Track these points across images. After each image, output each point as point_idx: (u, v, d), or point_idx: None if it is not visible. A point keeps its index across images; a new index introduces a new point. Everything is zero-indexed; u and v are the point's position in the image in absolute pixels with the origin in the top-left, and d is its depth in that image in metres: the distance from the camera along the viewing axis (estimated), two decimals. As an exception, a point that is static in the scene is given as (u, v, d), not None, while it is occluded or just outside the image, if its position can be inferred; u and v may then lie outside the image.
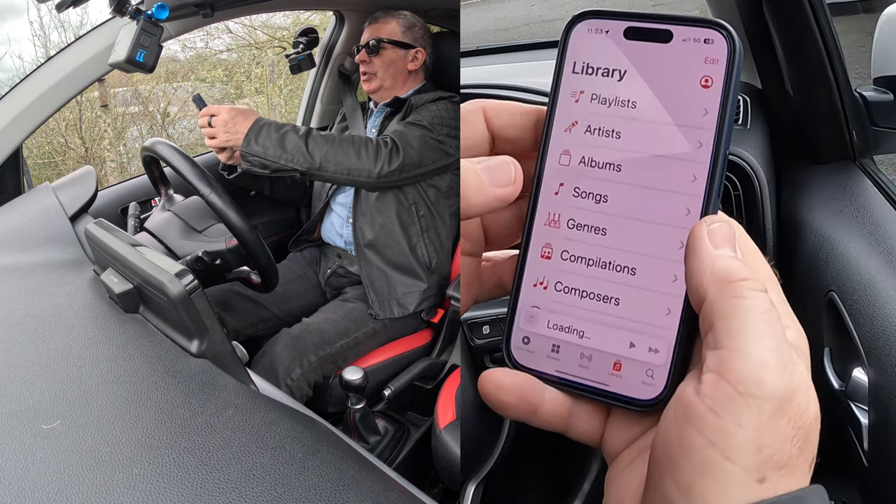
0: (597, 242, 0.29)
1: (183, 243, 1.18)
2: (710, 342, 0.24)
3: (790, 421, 0.22)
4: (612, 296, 0.28)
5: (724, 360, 0.23)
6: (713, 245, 0.25)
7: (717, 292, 0.24)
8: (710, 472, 0.22)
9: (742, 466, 0.22)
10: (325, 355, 1.31)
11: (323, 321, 1.38)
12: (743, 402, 0.22)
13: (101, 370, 0.69)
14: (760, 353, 0.22)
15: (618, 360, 0.28)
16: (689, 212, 0.27)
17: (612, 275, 0.28)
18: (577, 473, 1.05)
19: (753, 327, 0.23)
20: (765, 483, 0.22)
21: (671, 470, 0.23)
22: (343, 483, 0.54)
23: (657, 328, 0.27)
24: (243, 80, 5.25)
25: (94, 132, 4.23)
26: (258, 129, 1.22)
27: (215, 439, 0.58)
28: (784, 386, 0.22)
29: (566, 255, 0.29)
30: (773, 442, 0.22)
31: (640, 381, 0.27)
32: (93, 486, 0.51)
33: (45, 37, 4.26)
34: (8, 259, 0.96)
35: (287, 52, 1.72)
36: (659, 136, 0.28)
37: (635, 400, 0.27)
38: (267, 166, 1.23)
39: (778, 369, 0.22)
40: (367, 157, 1.27)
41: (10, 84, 1.23)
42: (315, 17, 4.35)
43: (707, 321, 0.24)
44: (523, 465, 1.18)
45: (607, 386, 0.28)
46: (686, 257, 0.26)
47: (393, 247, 1.42)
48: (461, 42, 1.55)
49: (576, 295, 0.29)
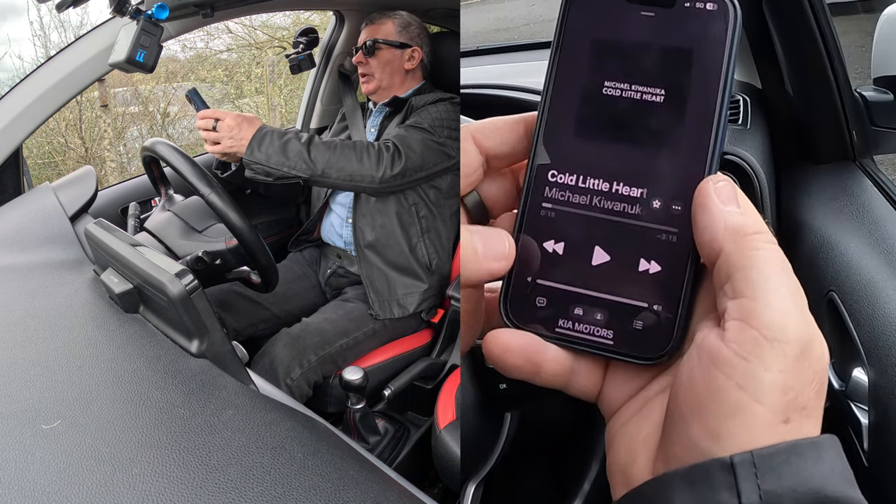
0: (599, 198, 0.29)
1: (183, 243, 1.18)
2: (729, 292, 0.25)
3: (810, 365, 0.23)
4: (616, 252, 0.28)
5: (747, 308, 0.24)
6: (721, 202, 0.26)
7: (733, 246, 0.25)
8: (739, 414, 0.23)
9: (769, 408, 0.23)
10: (325, 355, 1.31)
11: (323, 321, 1.38)
12: (769, 347, 0.23)
13: (101, 370, 0.69)
14: (781, 301, 0.24)
15: (622, 315, 0.28)
16: (691, 170, 0.27)
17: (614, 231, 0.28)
18: (577, 473, 1.05)
19: (772, 277, 0.24)
20: (789, 423, 0.23)
21: (698, 415, 0.24)
22: (343, 483, 0.54)
23: (662, 283, 0.27)
24: (243, 80, 5.26)
25: (94, 132, 4.24)
26: (261, 137, 1.23)
27: (215, 439, 0.58)
28: (805, 331, 0.24)
29: (565, 211, 0.29)
30: (796, 384, 0.23)
31: (645, 336, 0.28)
32: (93, 486, 0.51)
33: (45, 37, 4.27)
34: (8, 259, 0.96)
35: (287, 52, 1.72)
36: (662, 98, 0.28)
37: (640, 355, 0.28)
38: (270, 174, 1.24)
39: (798, 316, 0.24)
40: (370, 163, 1.27)
41: (10, 84, 1.23)
42: (315, 17, 4.36)
43: (724, 273, 0.25)
44: (523, 465, 1.18)
45: (611, 342, 0.28)
46: (695, 214, 0.27)
47: (393, 247, 1.42)
48: (461, 42, 1.55)
49: (577, 251, 0.29)
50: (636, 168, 0.28)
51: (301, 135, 1.26)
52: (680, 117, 0.28)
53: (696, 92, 0.27)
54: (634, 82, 0.28)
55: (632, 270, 0.28)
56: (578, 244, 0.29)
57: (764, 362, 0.23)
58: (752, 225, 0.25)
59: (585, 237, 0.28)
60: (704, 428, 0.24)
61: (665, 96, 0.28)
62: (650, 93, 0.28)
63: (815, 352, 0.24)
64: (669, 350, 0.27)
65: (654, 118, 0.28)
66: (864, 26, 1.39)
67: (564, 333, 0.28)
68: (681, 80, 0.28)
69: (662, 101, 0.28)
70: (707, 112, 0.27)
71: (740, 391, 0.23)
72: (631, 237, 0.28)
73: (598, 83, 0.29)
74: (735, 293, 0.24)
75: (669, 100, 0.28)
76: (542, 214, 0.29)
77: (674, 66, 0.28)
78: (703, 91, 0.27)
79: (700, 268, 0.27)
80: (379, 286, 1.43)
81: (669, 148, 0.28)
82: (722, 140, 0.27)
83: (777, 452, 0.23)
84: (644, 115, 0.28)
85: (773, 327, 0.23)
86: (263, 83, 5.12)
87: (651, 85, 0.28)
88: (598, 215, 0.28)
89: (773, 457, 0.22)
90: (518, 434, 1.09)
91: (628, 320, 0.28)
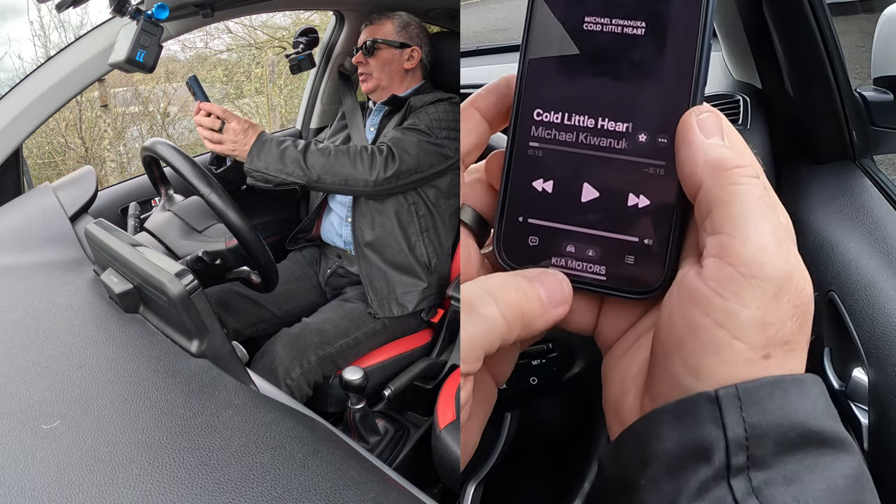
0: (585, 134, 0.28)
1: (183, 243, 1.18)
2: (708, 228, 0.24)
3: (790, 300, 0.23)
4: (604, 187, 0.28)
5: (725, 245, 0.24)
6: (703, 134, 0.26)
7: (713, 180, 0.25)
8: (718, 351, 0.23)
9: (749, 344, 0.23)
10: (325, 355, 1.31)
11: (323, 321, 1.38)
12: (746, 284, 0.23)
13: (101, 370, 0.69)
14: (760, 236, 0.23)
15: (613, 251, 0.28)
16: (675, 102, 0.27)
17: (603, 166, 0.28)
18: (577, 473, 1.05)
19: (751, 212, 0.24)
20: (770, 359, 0.23)
21: (678, 352, 0.24)
22: (343, 483, 0.54)
23: (651, 218, 0.27)
24: (243, 80, 5.26)
25: (94, 132, 4.23)
26: (261, 145, 1.26)
27: (215, 439, 0.58)
28: (783, 267, 0.23)
29: (555, 148, 0.29)
30: (775, 320, 0.23)
31: (637, 271, 0.28)
32: (93, 486, 0.51)
33: (45, 37, 4.27)
34: (8, 259, 0.96)
35: (287, 52, 1.72)
36: (643, 30, 0.28)
37: (633, 290, 0.28)
38: (269, 181, 1.27)
39: (777, 251, 0.23)
40: (363, 166, 1.28)
41: (10, 84, 1.23)
42: (315, 17, 4.35)
43: (704, 208, 0.25)
44: (523, 465, 1.18)
45: (604, 278, 0.28)
46: (677, 147, 0.26)
47: (392, 246, 1.42)
48: (461, 42, 1.55)
49: (566, 189, 0.29)
50: (621, 102, 0.28)
51: (298, 142, 1.29)
52: (661, 49, 0.27)
53: (677, 23, 0.27)
54: (615, 16, 0.28)
55: (621, 206, 0.28)
56: (567, 182, 0.28)
57: (741, 299, 0.23)
58: (734, 158, 0.25)
59: (573, 174, 0.28)
60: (685, 365, 0.24)
61: (646, 28, 0.28)
62: (631, 26, 0.28)
63: (794, 286, 0.23)
64: (661, 285, 0.27)
65: (636, 51, 0.28)
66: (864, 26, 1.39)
67: (558, 271, 0.28)
68: (660, 11, 0.27)
69: (643, 33, 0.28)
70: (688, 43, 0.27)
71: (719, 328, 0.23)
72: (619, 172, 0.28)
73: (578, 19, 0.28)
74: (714, 229, 0.24)
75: (651, 32, 0.28)
76: (529, 154, 0.29)
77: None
78: (683, 22, 0.27)
79: (689, 202, 0.27)
80: (378, 285, 1.43)
81: (653, 81, 0.27)
82: (705, 71, 0.27)
83: (761, 386, 0.23)
84: (626, 49, 0.28)
85: (749, 264, 0.23)
86: (263, 83, 5.12)
87: (631, 18, 0.28)
88: (586, 152, 0.28)
89: (757, 390, 0.23)
90: (518, 434, 1.09)
91: (620, 256, 0.28)
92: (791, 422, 0.22)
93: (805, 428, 0.22)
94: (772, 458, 0.22)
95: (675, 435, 0.23)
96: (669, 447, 0.23)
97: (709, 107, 0.27)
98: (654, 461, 0.23)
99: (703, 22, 0.27)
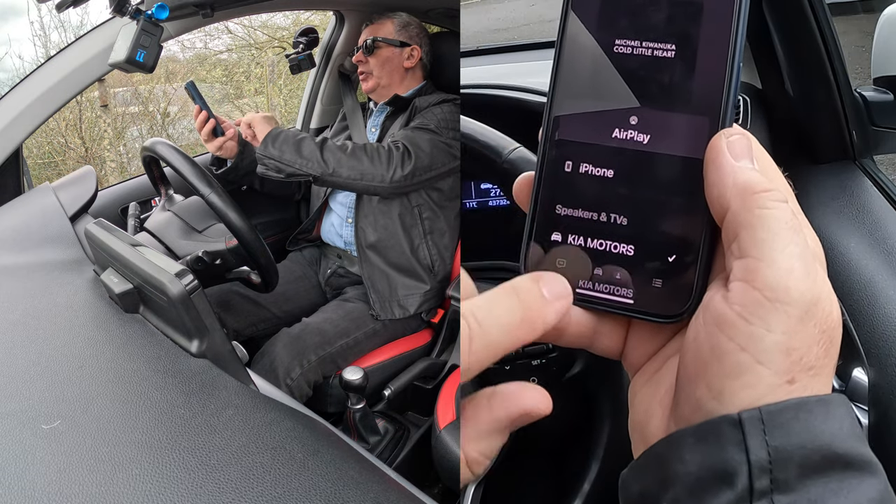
0: (615, 157, 0.28)
1: (183, 243, 1.18)
2: (736, 252, 0.24)
3: (816, 325, 0.23)
4: (633, 211, 0.28)
5: (752, 269, 0.23)
6: (733, 157, 0.25)
7: (741, 203, 0.24)
8: (741, 375, 0.23)
9: (773, 369, 0.23)
10: (325, 355, 1.31)
11: (323, 321, 1.38)
12: (772, 308, 0.23)
13: (101, 370, 0.69)
14: (786, 260, 0.23)
15: (641, 274, 0.28)
16: (706, 126, 0.27)
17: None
18: (577, 473, 1.05)
19: (778, 236, 0.23)
20: (794, 384, 0.23)
21: (703, 375, 0.24)
22: (343, 483, 0.54)
23: (680, 241, 0.27)
24: (243, 80, 5.25)
25: (94, 132, 4.23)
26: (276, 135, 1.27)
27: (215, 439, 0.58)
28: (810, 291, 0.23)
29: (584, 170, 0.29)
30: (801, 345, 0.23)
31: (665, 295, 0.27)
32: (93, 486, 0.51)
33: (45, 37, 4.26)
34: (8, 259, 0.96)
35: (287, 52, 1.72)
36: (673, 53, 0.28)
37: (660, 314, 0.27)
38: (282, 170, 1.27)
39: (803, 276, 0.23)
40: (380, 163, 1.29)
41: (10, 84, 1.23)
42: (315, 17, 4.35)
43: (731, 232, 0.25)
44: (523, 465, 1.18)
45: (632, 301, 0.28)
46: (706, 169, 0.26)
47: (395, 248, 1.42)
48: (461, 42, 1.55)
49: (596, 212, 0.28)
50: (650, 125, 0.28)
51: (314, 137, 1.30)
52: (691, 71, 0.27)
53: (707, 45, 0.27)
54: (645, 39, 0.28)
55: (650, 229, 0.28)
56: (595, 205, 0.28)
57: (766, 323, 0.23)
58: (762, 182, 0.25)
59: (602, 197, 0.28)
60: (709, 388, 0.24)
61: (675, 51, 0.28)
62: (661, 49, 0.28)
63: (821, 310, 0.23)
64: (689, 309, 0.27)
65: (666, 74, 0.28)
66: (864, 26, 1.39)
67: (585, 295, 0.28)
68: (690, 34, 0.27)
69: (673, 56, 0.28)
70: (718, 65, 0.27)
71: (742, 352, 0.23)
72: (647, 194, 0.28)
73: (609, 42, 0.28)
74: (741, 252, 0.24)
75: (680, 54, 0.27)
76: (558, 177, 0.29)
77: (683, 19, 0.27)
78: (713, 44, 0.27)
79: (717, 225, 0.27)
80: (380, 287, 1.43)
81: (682, 103, 0.27)
82: (735, 93, 0.27)
83: (785, 409, 0.22)
84: (656, 71, 0.28)
85: (775, 288, 0.23)
86: (263, 83, 5.11)
87: (661, 41, 0.28)
88: (615, 175, 0.28)
89: (781, 413, 0.22)
90: (518, 434, 1.09)
91: (648, 279, 0.28)
92: (816, 444, 0.22)
93: (830, 450, 0.22)
94: (796, 481, 0.22)
95: (697, 458, 0.23)
96: (691, 470, 0.23)
97: (739, 129, 0.27)
98: (677, 483, 0.23)
99: (733, 43, 0.27)
